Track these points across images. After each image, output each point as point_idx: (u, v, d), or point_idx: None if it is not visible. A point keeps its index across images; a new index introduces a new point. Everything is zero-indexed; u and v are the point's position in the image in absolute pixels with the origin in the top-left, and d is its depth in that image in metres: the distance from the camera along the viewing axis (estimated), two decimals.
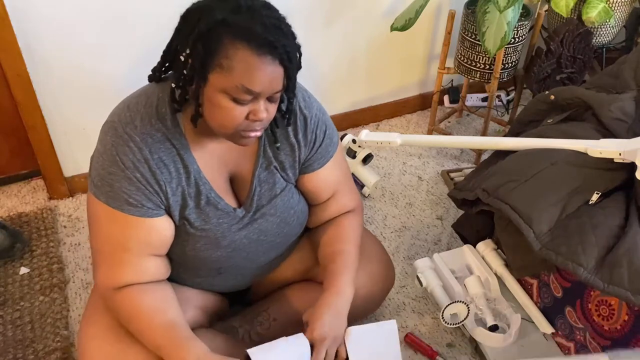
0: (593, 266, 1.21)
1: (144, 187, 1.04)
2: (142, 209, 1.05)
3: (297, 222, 1.25)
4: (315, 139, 1.18)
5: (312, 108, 1.17)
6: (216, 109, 0.97)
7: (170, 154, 1.05)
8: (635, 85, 1.58)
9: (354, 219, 1.31)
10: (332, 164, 1.23)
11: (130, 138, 1.02)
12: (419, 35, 2.24)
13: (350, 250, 1.24)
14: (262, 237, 1.20)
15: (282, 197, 1.19)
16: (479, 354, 1.50)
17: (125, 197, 1.04)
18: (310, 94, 1.21)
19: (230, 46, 0.91)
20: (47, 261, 1.74)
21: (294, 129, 1.15)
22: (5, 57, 1.65)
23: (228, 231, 1.16)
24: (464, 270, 1.61)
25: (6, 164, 1.98)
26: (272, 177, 1.17)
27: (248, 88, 0.93)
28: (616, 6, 1.94)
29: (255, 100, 0.96)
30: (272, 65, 0.93)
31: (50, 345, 1.51)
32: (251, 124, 0.99)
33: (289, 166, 1.18)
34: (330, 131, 1.21)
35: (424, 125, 2.39)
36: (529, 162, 1.44)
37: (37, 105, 1.76)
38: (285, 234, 1.25)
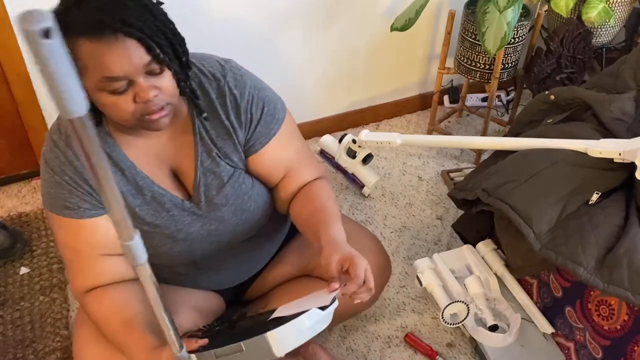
0: (593, 266, 1.21)
1: (75, 189, 1.04)
2: (80, 211, 1.06)
3: (255, 206, 1.20)
4: (251, 118, 1.12)
5: (245, 86, 1.11)
6: (105, 107, 0.95)
7: None
8: (635, 85, 1.58)
9: (321, 183, 1.23)
10: (278, 141, 1.16)
11: (55, 144, 1.04)
12: (419, 35, 2.24)
13: (326, 203, 1.17)
14: (220, 227, 1.18)
15: (231, 184, 1.14)
16: (479, 354, 1.50)
17: (62, 202, 1.05)
18: (245, 72, 1.15)
19: (75, 47, 0.88)
20: (47, 261, 1.74)
21: (225, 111, 1.10)
22: (5, 57, 1.65)
23: (181, 224, 1.14)
24: (464, 270, 1.61)
25: (6, 164, 1.98)
26: (216, 166, 1.12)
27: (108, 76, 0.89)
28: (616, 6, 1.94)
29: (131, 84, 0.92)
30: (119, 43, 0.88)
31: (50, 345, 1.51)
32: (146, 107, 0.94)
33: (231, 151, 1.13)
34: (270, 107, 1.14)
35: (424, 125, 2.39)
36: (529, 162, 1.44)
37: (37, 105, 1.76)
38: (246, 220, 1.21)
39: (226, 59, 1.15)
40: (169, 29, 0.95)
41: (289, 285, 1.38)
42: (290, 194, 1.24)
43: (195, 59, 1.08)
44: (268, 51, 1.99)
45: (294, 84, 2.12)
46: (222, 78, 1.10)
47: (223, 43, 1.89)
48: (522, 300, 1.52)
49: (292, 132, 1.21)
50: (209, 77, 1.10)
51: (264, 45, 1.97)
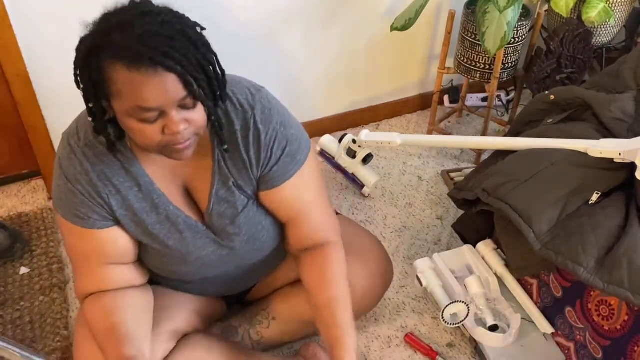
0: (593, 266, 1.21)
1: (87, 200, 1.03)
2: (89, 221, 1.04)
3: (267, 235, 1.18)
4: (270, 156, 1.07)
5: (271, 122, 1.06)
6: (131, 132, 0.92)
7: (113, 167, 1.02)
8: (635, 85, 1.58)
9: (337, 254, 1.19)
10: (294, 183, 1.11)
11: (72, 150, 1.02)
12: (419, 35, 2.24)
13: (341, 295, 1.14)
14: (232, 253, 1.17)
15: (245, 214, 1.12)
16: (479, 354, 1.50)
17: (73, 210, 1.04)
18: (275, 105, 1.09)
19: (111, 70, 0.86)
20: (47, 261, 1.74)
21: (246, 145, 1.06)
22: (5, 57, 1.65)
23: (193, 247, 1.12)
24: (464, 270, 1.61)
25: (6, 164, 1.98)
26: (231, 196, 1.10)
27: (143, 107, 0.87)
28: (616, 6, 1.94)
29: (164, 115, 0.90)
30: (157, 76, 0.85)
31: (50, 345, 1.51)
32: (173, 138, 0.92)
33: (245, 183, 1.10)
34: (292, 147, 1.09)
35: (424, 125, 2.39)
36: (529, 162, 1.44)
37: (37, 105, 1.76)
38: (258, 249, 1.20)
39: (258, 87, 1.10)
40: (210, 62, 0.93)
41: (291, 289, 1.38)
42: (298, 241, 1.20)
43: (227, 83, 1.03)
44: (268, 51, 1.99)
45: (294, 83, 2.12)
46: (250, 110, 1.05)
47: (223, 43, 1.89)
48: (522, 300, 1.52)
49: (311, 175, 1.16)
50: (236, 106, 1.05)
51: (263, 45, 1.97)
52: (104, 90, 0.88)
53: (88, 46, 0.87)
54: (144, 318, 1.13)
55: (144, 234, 1.09)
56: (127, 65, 0.84)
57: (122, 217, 1.06)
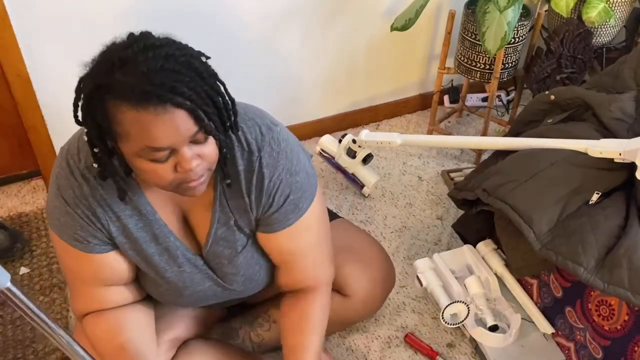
0: (593, 266, 1.21)
1: (87, 224, 0.99)
2: (89, 245, 1.01)
3: (264, 274, 1.17)
4: (272, 203, 1.03)
5: (276, 167, 1.01)
6: (143, 173, 0.89)
7: (114, 193, 0.97)
8: (635, 85, 1.58)
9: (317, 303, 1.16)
10: (292, 231, 1.07)
11: (72, 171, 0.97)
12: (419, 35, 2.24)
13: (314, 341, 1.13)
14: (226, 291, 1.16)
15: (244, 254, 1.10)
16: (479, 354, 1.50)
17: (71, 233, 1.00)
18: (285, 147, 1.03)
19: (116, 111, 0.81)
20: (47, 261, 1.74)
21: (248, 187, 1.02)
22: (5, 57, 1.65)
23: (190, 282, 1.10)
24: (464, 270, 1.61)
25: (6, 164, 1.98)
26: (231, 235, 1.07)
27: (154, 147, 0.83)
28: (616, 6, 1.94)
29: (175, 152, 0.86)
30: (167, 114, 0.81)
31: (50, 345, 1.51)
32: (186, 176, 0.88)
33: (244, 225, 1.07)
34: (295, 196, 1.04)
35: (424, 125, 2.39)
36: (529, 162, 1.44)
37: (36, 106, 1.76)
38: (254, 287, 1.19)
39: (271, 124, 1.04)
40: (218, 92, 0.88)
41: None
42: (287, 283, 1.18)
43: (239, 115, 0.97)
44: (268, 51, 1.99)
45: (294, 84, 2.12)
46: (257, 152, 1.00)
47: (223, 43, 1.89)
48: (522, 300, 1.52)
49: (311, 223, 1.11)
50: (243, 145, 1.01)
51: (263, 46, 1.97)
52: (110, 132, 0.84)
53: (90, 88, 0.83)
54: (148, 332, 1.12)
55: (142, 262, 1.07)
56: (134, 105, 0.80)
57: (122, 244, 1.03)
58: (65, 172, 0.98)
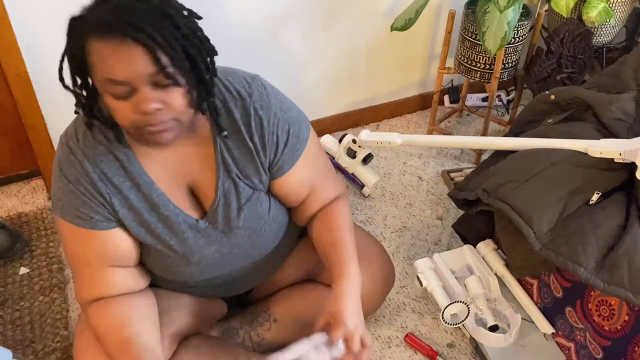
0: (593, 266, 1.21)
1: (89, 200, 1.02)
2: (92, 222, 1.03)
3: (269, 230, 1.19)
4: (277, 141, 1.09)
5: (270, 107, 1.08)
6: (111, 111, 0.92)
7: (113, 167, 1.02)
8: (635, 85, 1.58)
9: (341, 206, 1.24)
10: (304, 161, 1.15)
11: (72, 151, 1.01)
12: (419, 35, 2.24)
13: (345, 237, 1.18)
14: (234, 250, 1.17)
15: (248, 207, 1.12)
16: (479, 354, 1.50)
17: (74, 211, 1.03)
18: (271, 91, 1.11)
19: (86, 43, 0.87)
20: (47, 261, 1.74)
21: (249, 132, 1.07)
22: (5, 57, 1.65)
23: (195, 246, 1.12)
24: (464, 270, 1.61)
25: (6, 164, 1.98)
26: (235, 187, 1.10)
27: (109, 78, 0.86)
28: (616, 6, 1.94)
29: (133, 92, 0.88)
30: (124, 47, 0.84)
31: (50, 345, 1.51)
32: (146, 119, 0.90)
33: (252, 172, 1.10)
34: (295, 128, 1.12)
35: (424, 125, 2.39)
36: (529, 162, 1.44)
37: (37, 105, 1.76)
38: (259, 245, 1.20)
39: (253, 75, 1.11)
40: (194, 43, 0.91)
41: (291, 291, 1.38)
42: (312, 213, 1.23)
43: (221, 74, 1.03)
44: (268, 51, 1.99)
45: (294, 84, 2.12)
46: (248, 97, 1.06)
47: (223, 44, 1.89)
48: (522, 301, 1.52)
49: (316, 150, 1.19)
50: (234, 94, 1.06)
51: (263, 46, 1.97)
52: (84, 66, 0.89)
53: (70, 22, 0.88)
54: (153, 326, 1.13)
55: (146, 234, 1.09)
56: (99, 36, 0.85)
57: (125, 217, 1.06)
58: (66, 154, 1.02)
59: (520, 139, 1.56)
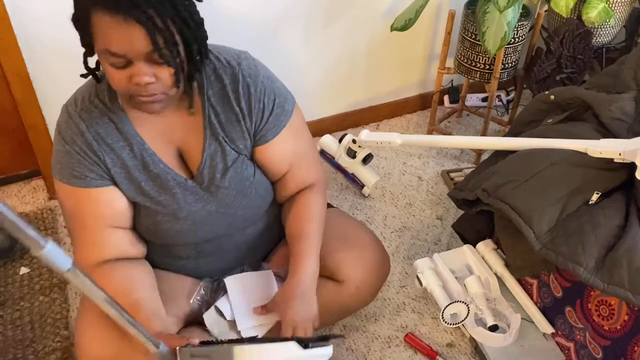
0: (593, 266, 1.21)
1: (83, 159, 1.09)
2: (85, 180, 1.10)
3: (255, 193, 1.23)
4: (263, 108, 1.15)
5: (257, 75, 1.15)
6: (107, 75, 1.00)
7: (107, 128, 1.10)
8: (635, 85, 1.58)
9: (315, 195, 1.28)
10: (287, 133, 1.20)
11: (70, 116, 1.10)
12: (419, 35, 2.24)
13: (311, 229, 1.24)
14: (221, 209, 1.21)
15: (234, 168, 1.18)
16: (479, 354, 1.50)
17: (70, 171, 1.10)
18: (260, 64, 1.18)
19: (93, 15, 0.93)
20: None
21: (236, 97, 1.13)
22: (5, 57, 1.65)
23: (184, 202, 1.17)
24: (464, 270, 1.61)
25: (6, 164, 1.98)
26: (222, 150, 1.16)
27: (109, 50, 0.94)
28: (616, 6, 1.94)
29: (130, 64, 0.96)
30: (127, 25, 0.91)
31: (50, 345, 1.51)
32: (138, 89, 0.98)
33: (238, 137, 1.16)
34: (281, 99, 1.18)
35: (424, 125, 2.39)
36: (529, 162, 1.44)
37: (36, 105, 1.76)
38: (246, 206, 1.24)
39: (241, 50, 1.19)
40: (189, 26, 0.98)
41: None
42: (290, 192, 1.28)
43: (211, 48, 1.12)
44: (268, 51, 1.99)
45: (294, 84, 2.10)
46: (237, 66, 1.13)
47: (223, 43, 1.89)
48: (522, 300, 1.52)
49: (300, 126, 1.25)
50: (224, 63, 1.14)
51: (263, 46, 1.97)
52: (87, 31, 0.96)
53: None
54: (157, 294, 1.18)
55: (137, 191, 1.15)
56: (104, 9, 0.91)
57: (117, 175, 1.12)
58: (65, 118, 1.11)
59: (520, 139, 1.56)
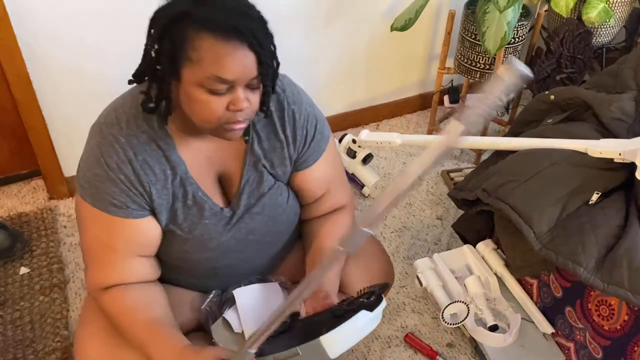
0: (593, 266, 1.21)
1: (128, 189, 1.03)
2: (127, 210, 1.05)
3: (286, 219, 1.23)
4: (306, 135, 1.15)
5: (302, 103, 1.15)
6: (195, 103, 0.95)
7: (155, 156, 1.04)
8: (635, 85, 1.58)
9: (347, 217, 1.29)
10: (325, 159, 1.21)
11: (115, 139, 1.02)
12: (419, 35, 2.24)
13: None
14: (250, 236, 1.19)
15: (269, 195, 1.17)
16: (479, 354, 1.50)
17: (109, 199, 1.03)
18: (300, 88, 1.19)
19: (195, 37, 0.90)
20: (47, 261, 1.74)
21: (282, 125, 1.12)
22: (5, 57, 1.65)
23: (215, 232, 1.14)
24: (464, 270, 1.61)
25: (6, 164, 1.98)
26: (260, 177, 1.15)
27: (220, 77, 0.91)
28: (616, 6, 1.94)
29: (232, 90, 0.94)
30: (241, 50, 0.91)
31: (50, 345, 1.51)
32: (233, 115, 0.97)
33: (278, 163, 1.15)
34: (320, 125, 1.18)
35: (424, 125, 2.39)
36: (529, 162, 1.44)
37: (37, 105, 1.76)
38: (275, 232, 1.24)
39: (282, 73, 1.16)
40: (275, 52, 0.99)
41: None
42: (321, 213, 1.28)
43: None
44: None
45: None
46: (282, 92, 1.12)
47: None
48: (522, 300, 1.52)
49: (334, 152, 1.26)
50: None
51: None
52: (180, 56, 0.92)
53: (177, 12, 0.91)
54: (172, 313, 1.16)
55: (172, 220, 1.11)
56: (216, 35, 0.89)
57: (159, 206, 1.08)
58: (108, 141, 1.02)
59: (520, 139, 1.56)
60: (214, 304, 1.28)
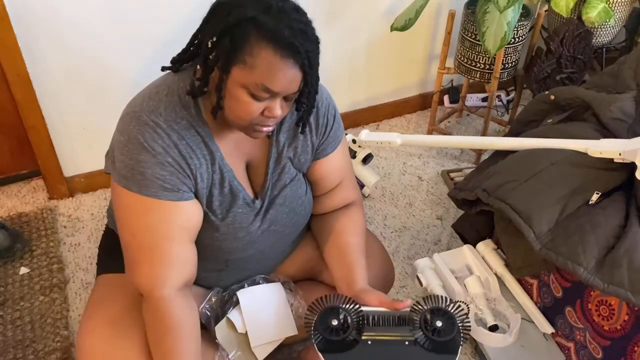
0: (593, 266, 1.21)
1: (177, 171, 1.04)
2: (178, 193, 1.05)
3: (304, 211, 1.26)
4: (327, 123, 1.20)
5: (323, 92, 1.19)
6: (234, 101, 0.99)
7: (196, 141, 1.06)
8: (635, 85, 1.58)
9: (359, 212, 1.32)
10: (341, 149, 1.26)
11: (157, 125, 1.02)
12: (419, 35, 2.24)
13: (361, 242, 1.26)
14: (272, 227, 1.22)
15: (291, 186, 1.20)
16: (479, 354, 1.50)
17: (159, 183, 1.03)
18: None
19: (255, 44, 0.93)
20: (47, 261, 1.75)
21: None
22: (5, 57, 1.65)
23: (246, 222, 1.17)
24: (464, 270, 1.61)
25: (6, 164, 1.98)
26: (283, 168, 1.19)
27: (268, 87, 0.96)
28: (616, 6, 1.94)
29: (272, 98, 0.99)
30: (293, 69, 0.96)
31: (50, 345, 1.51)
32: (265, 120, 1.02)
33: (301, 152, 1.19)
34: (337, 115, 1.24)
35: (424, 125, 2.39)
36: (529, 162, 1.44)
37: (37, 105, 1.76)
38: (294, 224, 1.26)
39: None
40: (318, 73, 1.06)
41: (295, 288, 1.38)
42: (334, 206, 1.30)
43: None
44: None
45: None
46: None
47: None
48: (522, 300, 1.52)
49: (346, 143, 1.31)
50: None
51: None
52: (236, 56, 0.95)
53: (245, 15, 0.93)
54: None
55: (208, 205, 1.12)
56: (276, 49, 0.93)
57: (201, 189, 1.10)
58: (150, 128, 1.02)
59: (520, 139, 1.56)
60: (215, 304, 1.28)
